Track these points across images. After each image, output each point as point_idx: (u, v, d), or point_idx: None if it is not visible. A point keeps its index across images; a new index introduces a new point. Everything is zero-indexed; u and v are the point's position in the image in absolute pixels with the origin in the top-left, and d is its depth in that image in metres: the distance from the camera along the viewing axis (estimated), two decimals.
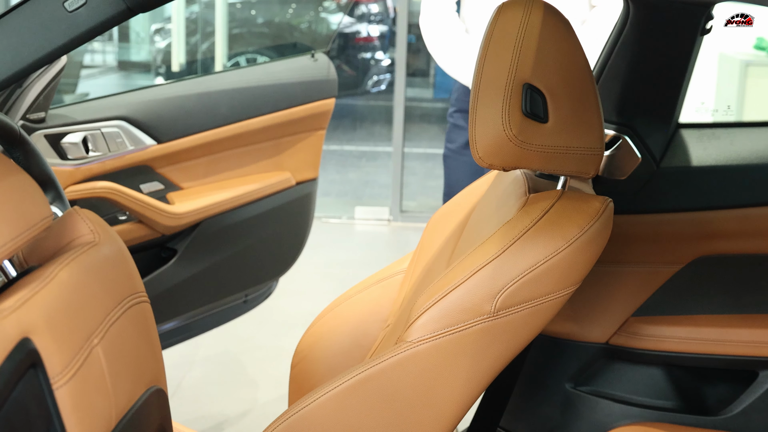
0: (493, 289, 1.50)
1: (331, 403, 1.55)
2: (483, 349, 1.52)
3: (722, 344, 2.02)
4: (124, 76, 10.77)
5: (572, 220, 1.53)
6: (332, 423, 1.55)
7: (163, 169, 3.05)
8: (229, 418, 3.35)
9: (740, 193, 2.07)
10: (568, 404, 2.10)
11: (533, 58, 1.55)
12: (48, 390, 1.15)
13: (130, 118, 2.94)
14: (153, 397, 1.45)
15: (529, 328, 1.54)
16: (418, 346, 1.52)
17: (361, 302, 2.22)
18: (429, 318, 1.52)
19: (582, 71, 1.58)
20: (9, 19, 1.60)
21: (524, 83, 1.54)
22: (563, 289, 1.53)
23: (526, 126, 1.54)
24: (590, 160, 1.60)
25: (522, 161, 1.57)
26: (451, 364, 1.52)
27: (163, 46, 10.04)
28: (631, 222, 2.07)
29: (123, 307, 1.38)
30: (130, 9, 1.60)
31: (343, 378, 1.56)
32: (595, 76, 2.11)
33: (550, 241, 1.51)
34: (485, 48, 1.58)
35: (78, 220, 1.39)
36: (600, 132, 1.60)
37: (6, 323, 1.10)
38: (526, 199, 1.63)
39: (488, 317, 1.51)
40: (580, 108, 1.57)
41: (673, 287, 2.07)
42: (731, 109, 6.00)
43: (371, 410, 1.55)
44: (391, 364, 1.53)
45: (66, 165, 2.84)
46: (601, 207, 1.57)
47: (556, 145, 1.56)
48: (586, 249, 1.53)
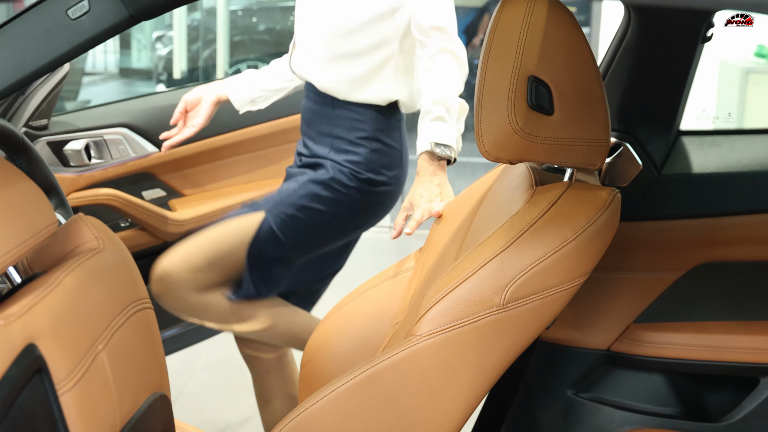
0: (502, 281, 1.50)
1: (343, 397, 1.54)
2: (493, 342, 1.51)
3: (723, 351, 2.02)
4: (126, 83, 10.78)
5: (580, 211, 1.53)
6: (344, 418, 1.55)
7: (165, 176, 3.06)
8: (230, 424, 3.35)
9: (741, 200, 2.07)
10: (570, 411, 2.10)
11: (538, 51, 1.54)
12: (53, 395, 1.16)
13: (133, 125, 2.95)
14: (157, 403, 1.45)
15: (539, 319, 1.53)
16: (428, 339, 1.51)
17: (369, 300, 2.21)
18: (438, 311, 1.52)
19: (587, 63, 1.58)
20: (12, 27, 1.60)
21: (529, 76, 1.54)
22: (572, 281, 1.52)
23: (531, 118, 1.54)
24: (597, 152, 1.59)
25: (528, 154, 1.57)
26: (461, 356, 1.51)
27: (164, 53, 10.05)
28: (632, 229, 2.07)
29: (127, 314, 1.38)
30: (134, 17, 1.61)
31: (353, 373, 1.55)
32: None
33: (558, 233, 1.50)
34: (489, 41, 1.58)
35: (82, 227, 1.40)
36: (606, 123, 1.60)
37: (11, 329, 1.10)
38: (533, 191, 1.63)
39: (497, 309, 1.50)
40: (585, 99, 1.57)
41: (675, 294, 2.07)
42: (732, 116, 6.01)
43: (382, 404, 1.54)
44: (401, 358, 1.52)
45: (68, 172, 2.84)
46: (609, 197, 1.57)
47: (562, 137, 1.56)
48: (595, 240, 1.53)
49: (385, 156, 2.51)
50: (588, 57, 1.58)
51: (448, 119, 2.30)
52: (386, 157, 2.51)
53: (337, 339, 2.18)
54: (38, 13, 1.60)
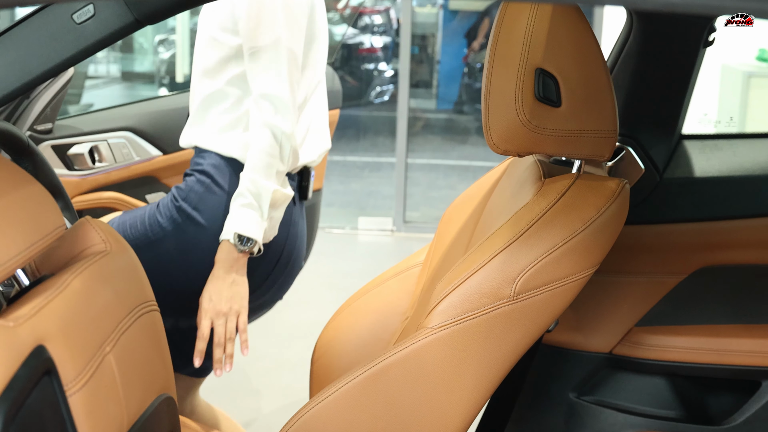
0: (513, 272, 1.50)
1: (354, 392, 1.54)
2: (504, 334, 1.52)
3: (725, 354, 2.02)
4: (128, 86, 10.78)
5: (589, 202, 1.53)
6: (355, 413, 1.55)
7: (168, 180, 3.06)
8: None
9: (743, 204, 2.07)
10: (572, 414, 2.11)
11: (544, 43, 1.54)
12: (62, 397, 1.16)
13: (137, 129, 2.96)
14: (163, 405, 1.46)
15: (550, 311, 1.53)
16: (439, 331, 1.51)
17: (379, 296, 2.22)
18: (449, 303, 1.52)
19: (593, 54, 1.58)
20: (18, 31, 1.61)
21: (536, 68, 1.54)
22: (582, 271, 1.52)
23: (539, 110, 1.55)
24: (604, 143, 1.59)
25: (536, 146, 1.57)
26: (472, 348, 1.52)
27: (167, 56, 10.05)
28: (634, 232, 2.07)
29: (134, 316, 1.39)
30: (138, 21, 1.62)
31: (363, 368, 1.55)
32: None
33: (568, 224, 1.51)
34: (496, 34, 1.58)
35: (90, 230, 1.41)
36: (613, 114, 1.60)
37: (21, 331, 1.11)
38: (541, 183, 1.62)
39: (508, 301, 1.50)
40: (592, 91, 1.57)
41: (677, 297, 2.08)
42: (734, 120, 6.01)
43: (393, 398, 1.54)
44: (412, 351, 1.53)
45: (72, 175, 2.85)
46: (617, 188, 1.57)
47: (570, 129, 1.56)
48: (604, 230, 1.53)
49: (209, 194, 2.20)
50: (595, 48, 1.58)
51: (258, 208, 2.05)
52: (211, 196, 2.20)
53: (347, 335, 2.18)
54: (43, 18, 1.61)
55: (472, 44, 10.59)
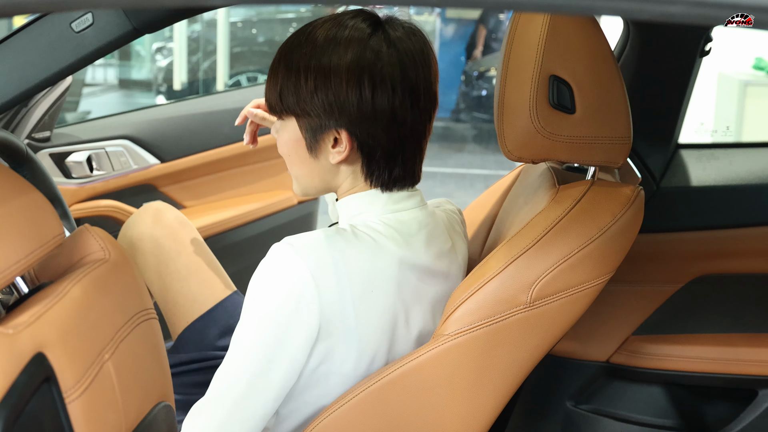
0: (529, 279, 1.50)
1: (371, 399, 1.53)
2: (521, 340, 1.51)
3: (722, 363, 2.02)
4: (126, 94, 10.80)
5: (604, 209, 1.53)
6: (373, 419, 1.54)
7: (166, 188, 3.07)
8: None
9: (740, 213, 2.08)
10: (569, 422, 2.11)
11: (558, 50, 1.54)
12: (61, 404, 1.17)
13: (134, 138, 2.97)
14: (161, 412, 1.46)
15: (566, 317, 1.53)
16: (455, 338, 1.50)
17: None
18: (465, 310, 1.51)
19: (607, 60, 1.57)
20: (17, 40, 1.62)
21: (550, 75, 1.54)
22: (598, 278, 1.52)
23: (553, 117, 1.54)
24: (618, 149, 1.59)
25: (551, 153, 1.57)
26: (489, 355, 1.51)
27: (164, 64, 10.07)
28: None
29: (133, 324, 1.39)
30: (137, 30, 1.63)
31: (381, 374, 1.54)
32: None
33: (583, 230, 1.50)
34: (509, 42, 1.58)
35: (89, 238, 1.41)
36: (627, 120, 1.59)
37: (20, 338, 1.11)
38: (556, 190, 1.62)
39: (524, 308, 1.50)
40: (606, 97, 1.57)
41: (673, 306, 2.08)
42: (730, 129, 6.02)
43: (411, 404, 1.53)
44: (429, 358, 1.52)
45: (70, 183, 2.86)
46: (633, 194, 1.56)
47: (585, 135, 1.56)
48: (620, 237, 1.53)
49: None
50: (608, 54, 1.58)
51: None
52: None
53: None
54: (42, 26, 1.62)
55: (474, 53, 10.60)
